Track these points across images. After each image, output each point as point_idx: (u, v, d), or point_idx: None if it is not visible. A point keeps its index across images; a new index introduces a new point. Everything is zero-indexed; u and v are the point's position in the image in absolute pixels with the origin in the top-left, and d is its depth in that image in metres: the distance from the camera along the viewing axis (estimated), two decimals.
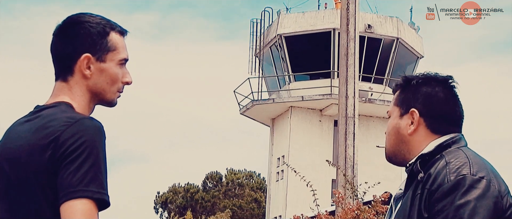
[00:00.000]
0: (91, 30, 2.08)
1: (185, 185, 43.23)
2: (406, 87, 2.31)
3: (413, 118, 2.25)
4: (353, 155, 13.15)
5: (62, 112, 2.01)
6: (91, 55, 2.07)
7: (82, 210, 1.86)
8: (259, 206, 40.46)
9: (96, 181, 1.89)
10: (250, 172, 43.91)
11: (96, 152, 1.91)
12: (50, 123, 1.97)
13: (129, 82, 2.16)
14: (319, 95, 24.15)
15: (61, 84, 2.10)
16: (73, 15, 2.14)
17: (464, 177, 2.04)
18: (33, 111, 2.10)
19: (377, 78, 24.89)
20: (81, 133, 1.92)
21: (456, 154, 2.13)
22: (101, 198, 1.89)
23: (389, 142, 2.31)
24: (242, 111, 25.88)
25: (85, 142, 1.90)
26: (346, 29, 13.97)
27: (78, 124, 1.94)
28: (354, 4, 14.12)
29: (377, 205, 9.54)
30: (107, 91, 2.12)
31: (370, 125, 24.31)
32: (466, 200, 2.00)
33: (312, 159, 23.46)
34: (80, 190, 1.86)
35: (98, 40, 2.08)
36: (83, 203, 1.86)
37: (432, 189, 2.06)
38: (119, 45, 2.13)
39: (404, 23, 25.61)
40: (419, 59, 26.21)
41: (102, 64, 2.09)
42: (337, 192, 10.51)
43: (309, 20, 24.96)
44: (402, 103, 2.30)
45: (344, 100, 13.56)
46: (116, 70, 2.12)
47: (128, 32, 2.18)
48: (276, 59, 25.81)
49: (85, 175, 1.87)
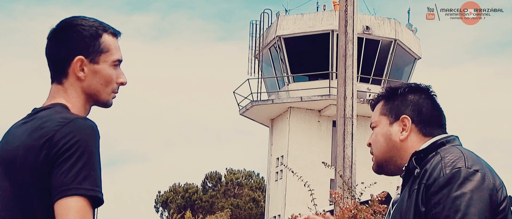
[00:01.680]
0: (83, 33, 2.10)
1: (185, 185, 43.18)
2: (391, 97, 2.39)
3: (405, 125, 2.31)
4: (351, 155, 13.21)
5: (57, 113, 2.03)
6: (84, 57, 2.09)
7: (75, 208, 1.86)
8: (258, 205, 40.48)
9: (89, 179, 1.90)
10: (249, 172, 43.89)
11: (89, 150, 1.92)
12: (45, 124, 1.99)
13: (123, 83, 2.17)
14: (317, 96, 24.15)
15: (56, 87, 2.12)
16: (67, 19, 2.15)
17: (459, 170, 2.07)
18: (31, 113, 2.12)
19: (375, 79, 24.86)
20: (75, 133, 1.93)
21: (451, 150, 2.19)
22: (94, 196, 1.91)
23: (380, 150, 2.36)
24: (241, 112, 25.89)
25: (78, 141, 1.92)
26: (345, 31, 14.02)
27: (71, 124, 1.95)
28: (352, 6, 14.17)
29: (374, 205, 9.63)
30: (101, 92, 2.13)
31: (368, 125, 24.15)
32: (462, 192, 2.03)
33: (311, 159, 23.45)
34: (73, 188, 1.88)
35: (90, 42, 2.10)
36: (77, 200, 1.87)
37: (429, 183, 2.10)
38: (112, 46, 2.14)
39: (401, 25, 25.60)
40: (416, 60, 26.21)
41: (96, 65, 2.11)
42: (333, 192, 10.58)
43: (308, 21, 24.97)
44: (391, 112, 2.36)
45: (343, 101, 13.63)
46: (109, 71, 2.13)
47: (121, 34, 2.19)
48: (275, 60, 25.80)
49: (78, 173, 1.89)
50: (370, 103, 2.49)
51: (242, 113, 25.93)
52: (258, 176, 43.44)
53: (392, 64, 25.06)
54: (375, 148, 2.37)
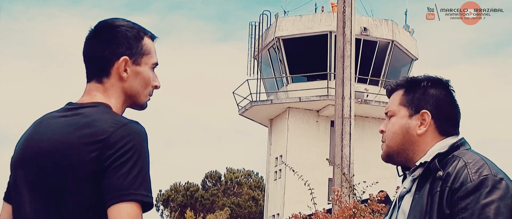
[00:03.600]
0: (128, 33, 2.10)
1: (186, 184, 43.15)
2: (413, 89, 2.34)
3: (424, 120, 2.29)
4: (349, 155, 13.29)
5: (106, 113, 2.01)
6: (129, 58, 2.09)
7: (130, 213, 1.87)
8: (257, 204, 40.56)
9: (144, 184, 1.92)
10: (249, 171, 43.92)
11: (144, 156, 1.93)
12: (95, 122, 1.96)
13: (158, 86, 2.18)
14: (316, 96, 24.19)
15: (95, 86, 2.10)
16: (108, 20, 2.15)
17: (487, 177, 2.09)
18: (67, 107, 2.09)
19: (373, 79, 24.88)
20: (130, 137, 1.93)
21: (471, 155, 2.20)
22: (149, 202, 1.92)
23: (394, 141, 2.32)
24: (241, 112, 25.91)
25: (134, 146, 1.92)
26: (343, 32, 14.13)
27: (126, 128, 1.95)
28: (350, 7, 14.28)
29: (373, 204, 9.56)
30: (140, 93, 2.13)
31: (366, 125, 24.16)
32: (491, 199, 2.05)
33: (309, 158, 23.50)
34: (131, 193, 1.88)
35: (134, 43, 2.10)
36: (132, 206, 1.88)
37: (455, 187, 2.10)
38: (152, 49, 2.16)
39: (399, 26, 25.64)
40: (413, 61, 26.24)
41: (138, 67, 2.11)
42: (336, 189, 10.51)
43: (306, 23, 25.01)
44: (411, 104, 2.32)
45: (341, 101, 13.73)
46: (149, 74, 2.14)
47: (157, 38, 2.20)
48: (274, 61, 25.83)
49: (135, 179, 1.90)
50: (387, 88, 2.44)
51: (242, 113, 25.96)
52: (257, 175, 43.51)
53: (390, 65, 25.09)
54: (390, 138, 2.34)
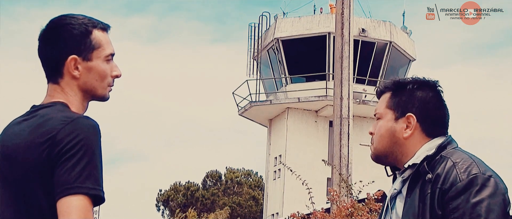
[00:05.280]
0: (73, 31, 2.08)
1: (186, 183, 43.15)
2: (399, 91, 2.36)
3: (409, 123, 2.29)
4: (348, 155, 13.43)
5: (59, 111, 2.03)
6: (77, 56, 2.08)
7: (77, 206, 1.88)
8: (257, 203, 40.66)
9: (91, 177, 1.92)
10: (248, 171, 43.97)
11: (91, 150, 1.93)
12: (48, 122, 1.98)
13: (118, 75, 2.17)
14: (314, 97, 24.27)
15: (53, 86, 2.12)
16: (55, 19, 2.14)
17: (476, 176, 2.10)
18: (30, 110, 2.11)
19: (371, 80, 24.94)
20: (78, 132, 1.93)
21: (459, 155, 2.20)
22: (96, 194, 1.92)
23: (381, 144, 2.33)
24: (240, 112, 25.98)
25: (81, 140, 1.93)
26: (341, 33, 14.28)
27: (74, 123, 1.96)
28: (348, 9, 14.44)
29: (370, 203, 9.79)
30: (97, 87, 2.12)
31: (364, 125, 24.00)
32: (481, 198, 2.06)
33: (308, 158, 23.57)
34: (76, 186, 1.89)
35: (81, 40, 2.08)
36: (79, 199, 1.89)
37: (445, 188, 2.11)
38: (103, 41, 2.12)
39: (396, 27, 25.73)
40: (411, 62, 26.34)
41: (89, 63, 2.09)
42: (332, 190, 10.68)
43: (305, 24, 25.11)
44: (397, 107, 2.33)
45: (339, 102, 13.87)
46: (103, 67, 2.12)
47: (110, 27, 2.17)
48: (274, 62, 25.92)
49: (81, 172, 1.90)
50: (376, 90, 2.46)
51: (241, 114, 26.03)
52: (256, 175, 43.59)
53: (387, 65, 25.20)
54: (377, 141, 2.35)
